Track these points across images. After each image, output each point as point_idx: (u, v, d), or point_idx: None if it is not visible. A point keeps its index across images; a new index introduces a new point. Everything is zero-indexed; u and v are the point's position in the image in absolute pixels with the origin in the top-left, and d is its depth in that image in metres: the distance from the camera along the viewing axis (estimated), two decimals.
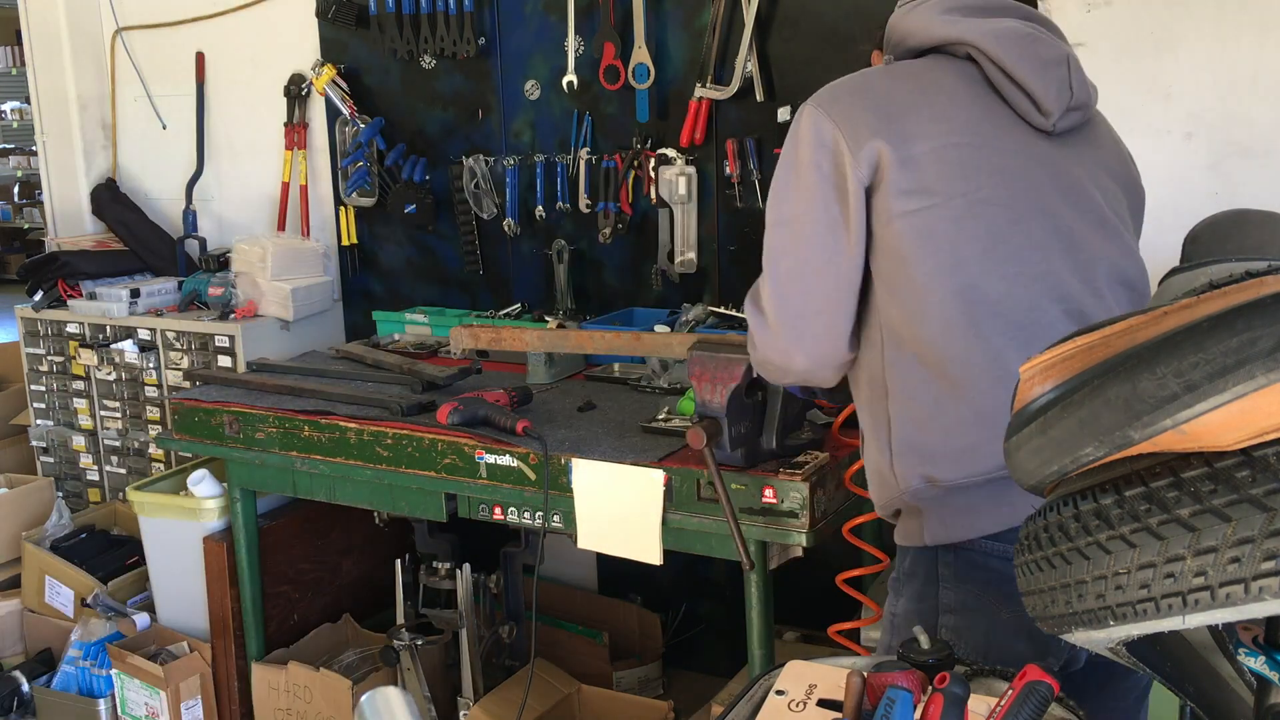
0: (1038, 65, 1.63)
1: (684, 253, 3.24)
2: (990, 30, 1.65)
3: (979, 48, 1.64)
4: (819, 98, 1.65)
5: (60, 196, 4.36)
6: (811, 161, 1.61)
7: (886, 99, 1.62)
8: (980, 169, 1.59)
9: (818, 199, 1.61)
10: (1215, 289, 0.85)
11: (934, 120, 1.60)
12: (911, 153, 1.57)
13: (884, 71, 1.71)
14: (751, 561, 2.15)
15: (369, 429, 2.61)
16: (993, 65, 1.64)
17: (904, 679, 1.18)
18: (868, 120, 1.58)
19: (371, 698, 1.14)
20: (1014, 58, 1.63)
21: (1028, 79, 1.62)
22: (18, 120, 11.13)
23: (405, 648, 2.97)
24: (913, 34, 1.72)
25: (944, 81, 1.65)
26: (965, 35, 1.66)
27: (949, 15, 1.69)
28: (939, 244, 1.56)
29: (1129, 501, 0.89)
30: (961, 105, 1.63)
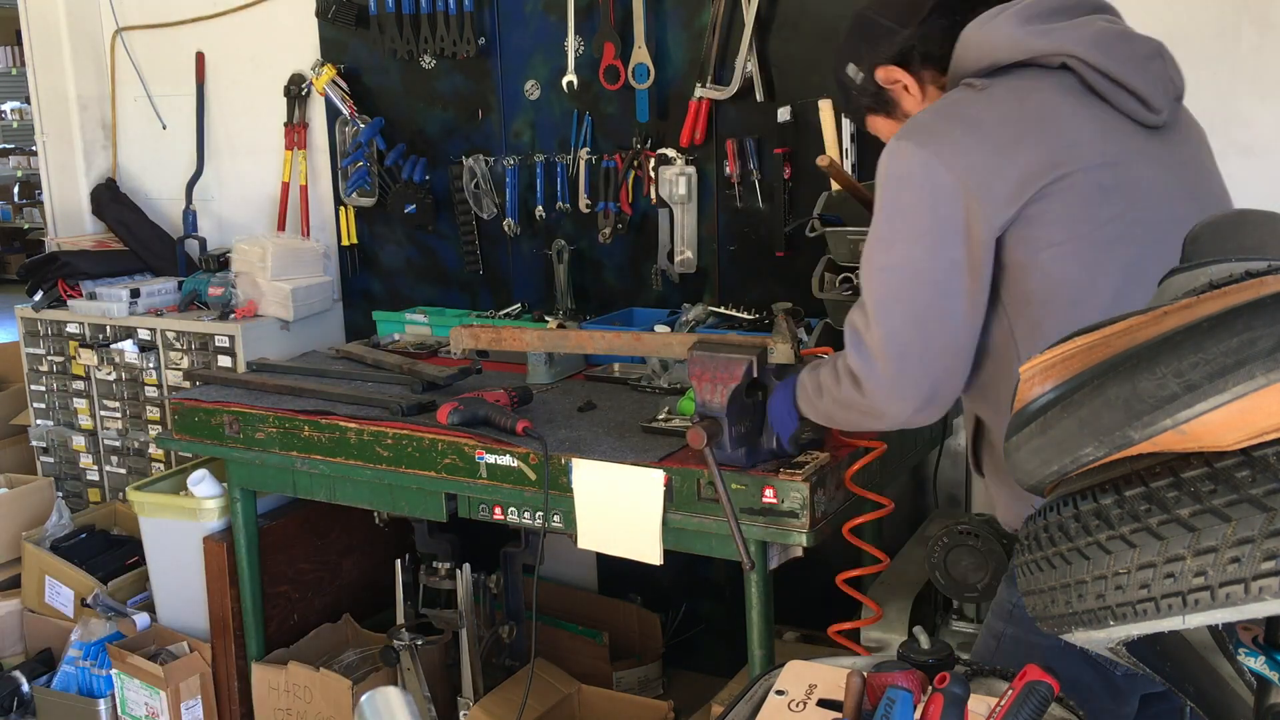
0: (1139, 62, 1.60)
1: (684, 253, 3.24)
2: (1086, 36, 1.60)
3: (1080, 57, 1.59)
4: (921, 136, 1.58)
5: (60, 196, 4.36)
6: (925, 207, 1.56)
7: (1005, 132, 1.56)
8: (1118, 189, 1.55)
9: (934, 244, 1.55)
10: (1215, 289, 0.85)
11: (1061, 147, 1.55)
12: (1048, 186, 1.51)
13: (985, 99, 1.62)
14: (751, 561, 2.15)
15: (369, 429, 2.61)
16: (1095, 72, 1.59)
17: (904, 679, 1.18)
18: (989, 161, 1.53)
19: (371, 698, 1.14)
20: (1117, 61, 1.59)
21: (1133, 79, 1.58)
22: (18, 120, 11.14)
23: (405, 648, 2.97)
24: (996, 49, 1.64)
25: (1051, 100, 1.59)
26: (1064, 46, 1.60)
27: (1035, 25, 1.63)
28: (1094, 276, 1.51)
29: (1129, 501, 0.89)
30: (1079, 123, 1.58)
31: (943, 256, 1.56)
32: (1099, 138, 1.58)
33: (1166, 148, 1.64)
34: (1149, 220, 1.56)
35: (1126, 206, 1.55)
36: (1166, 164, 1.62)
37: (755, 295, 3.12)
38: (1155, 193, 1.59)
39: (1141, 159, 1.60)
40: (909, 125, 1.63)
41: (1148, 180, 1.59)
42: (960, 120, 1.60)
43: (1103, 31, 1.62)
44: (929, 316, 1.59)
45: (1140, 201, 1.57)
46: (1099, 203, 1.54)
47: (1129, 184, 1.57)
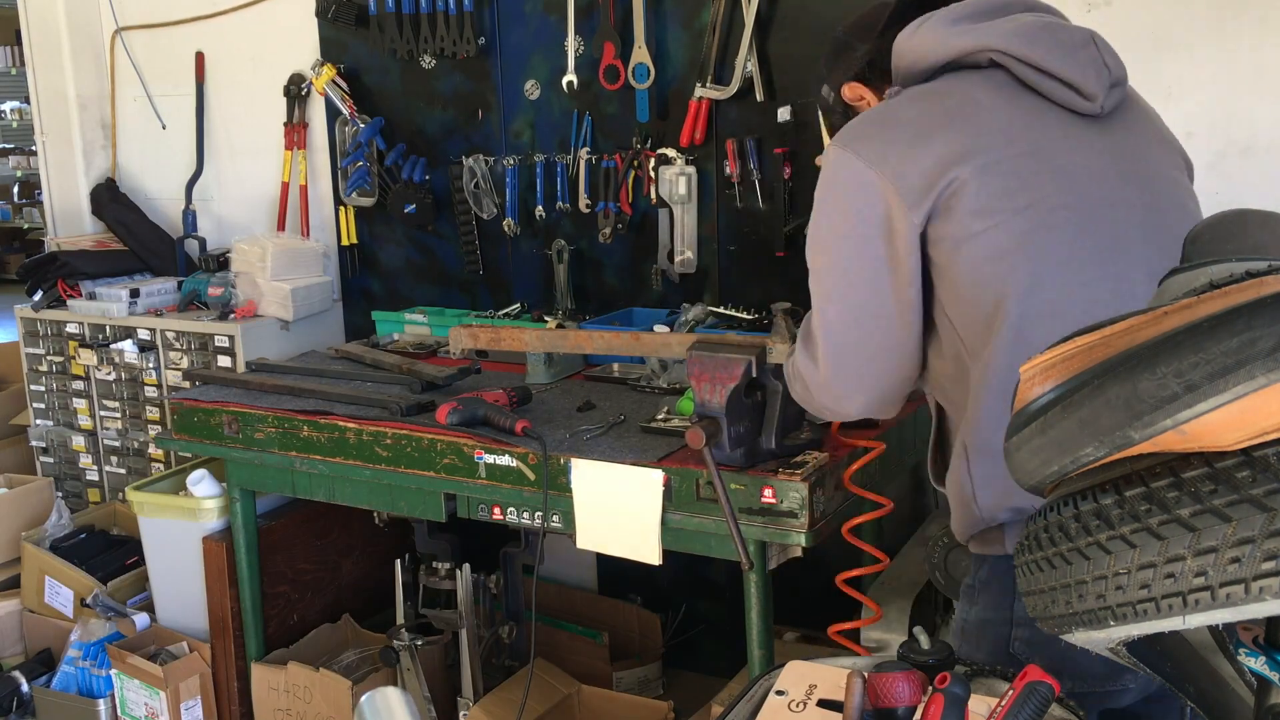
0: (1067, 50, 1.59)
1: (684, 252, 3.24)
2: (1008, 30, 1.61)
3: (1003, 50, 1.60)
4: (845, 138, 1.61)
5: (60, 196, 4.36)
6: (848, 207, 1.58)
7: (920, 127, 1.57)
8: (1038, 175, 1.55)
9: (858, 243, 1.57)
10: (1215, 289, 0.85)
11: (977, 135, 1.55)
12: (963, 175, 1.52)
13: (905, 99, 1.65)
14: (751, 561, 2.15)
15: (368, 429, 2.61)
16: (1021, 64, 1.59)
17: (904, 679, 1.18)
18: (905, 153, 1.54)
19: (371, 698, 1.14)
20: (1042, 50, 1.59)
21: (1062, 67, 1.58)
22: (17, 120, 11.14)
23: (405, 648, 2.97)
24: (926, 53, 1.66)
25: (974, 94, 1.60)
26: (984, 41, 1.61)
27: (961, 25, 1.64)
28: (1013, 264, 1.51)
29: (1129, 501, 0.89)
30: (1001, 114, 1.58)
31: (868, 254, 1.58)
32: (1023, 127, 1.58)
33: (1105, 135, 1.63)
34: (1076, 205, 1.55)
35: (1049, 192, 1.55)
36: (1101, 150, 1.61)
37: (755, 295, 3.12)
38: (1085, 178, 1.57)
39: (1073, 146, 1.59)
40: (839, 133, 1.65)
41: (1077, 166, 1.58)
42: (878, 120, 1.63)
43: (1027, 24, 1.62)
44: (862, 315, 1.61)
45: (1067, 187, 1.56)
46: (1016, 190, 1.53)
47: (1054, 170, 1.56)
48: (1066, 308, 1.50)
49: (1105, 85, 1.61)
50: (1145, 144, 1.69)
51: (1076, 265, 1.53)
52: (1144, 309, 0.90)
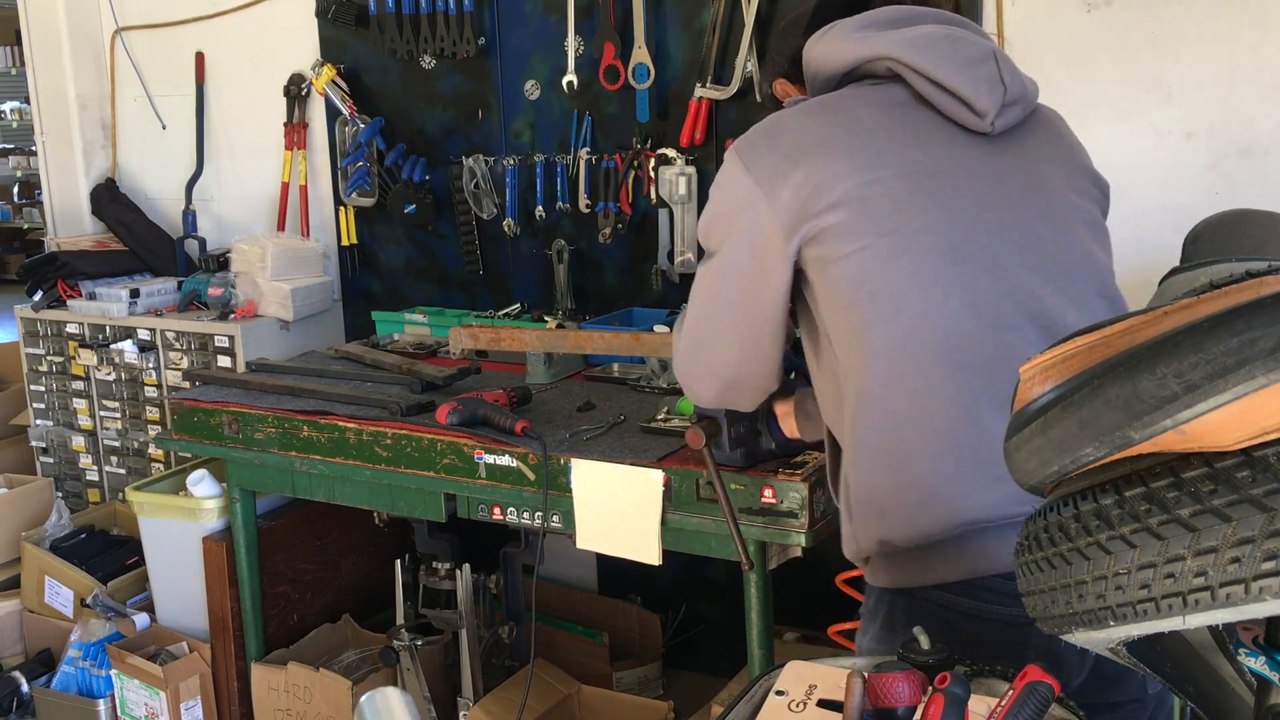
0: (962, 65, 1.55)
1: (684, 252, 3.24)
2: (906, 39, 1.58)
3: (898, 59, 1.57)
4: (741, 144, 1.62)
5: (60, 196, 4.36)
6: (728, 206, 1.61)
7: (801, 141, 1.56)
8: (910, 197, 1.52)
9: (731, 245, 1.60)
10: (1215, 289, 0.85)
11: (852, 155, 1.53)
12: (832, 197, 1.50)
13: (800, 110, 1.63)
14: (751, 562, 2.15)
15: (368, 429, 2.61)
16: (915, 74, 1.56)
17: (904, 679, 1.18)
18: (782, 169, 1.53)
19: (371, 698, 1.14)
20: (936, 61, 1.55)
21: (954, 80, 1.54)
22: (17, 120, 11.14)
23: (405, 648, 2.96)
24: (827, 60, 1.64)
25: (861, 112, 1.58)
26: (880, 49, 1.59)
27: (862, 33, 1.62)
28: (875, 288, 1.49)
29: (1129, 502, 0.89)
30: (882, 133, 1.56)
31: (734, 258, 1.60)
32: (903, 146, 1.55)
33: (995, 155, 1.59)
34: (945, 227, 1.51)
35: (918, 214, 1.51)
36: (984, 173, 1.57)
37: None
38: (960, 199, 1.54)
39: (955, 166, 1.55)
40: (742, 136, 1.65)
41: (955, 186, 1.54)
42: (767, 131, 1.62)
43: (927, 34, 1.58)
44: (720, 311, 1.64)
45: (938, 207, 1.52)
46: (886, 213, 1.51)
47: (928, 191, 1.53)
48: (926, 332, 1.48)
49: (998, 103, 1.56)
50: (1039, 165, 1.63)
51: (941, 289, 1.49)
52: (1144, 309, 0.90)
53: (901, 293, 1.49)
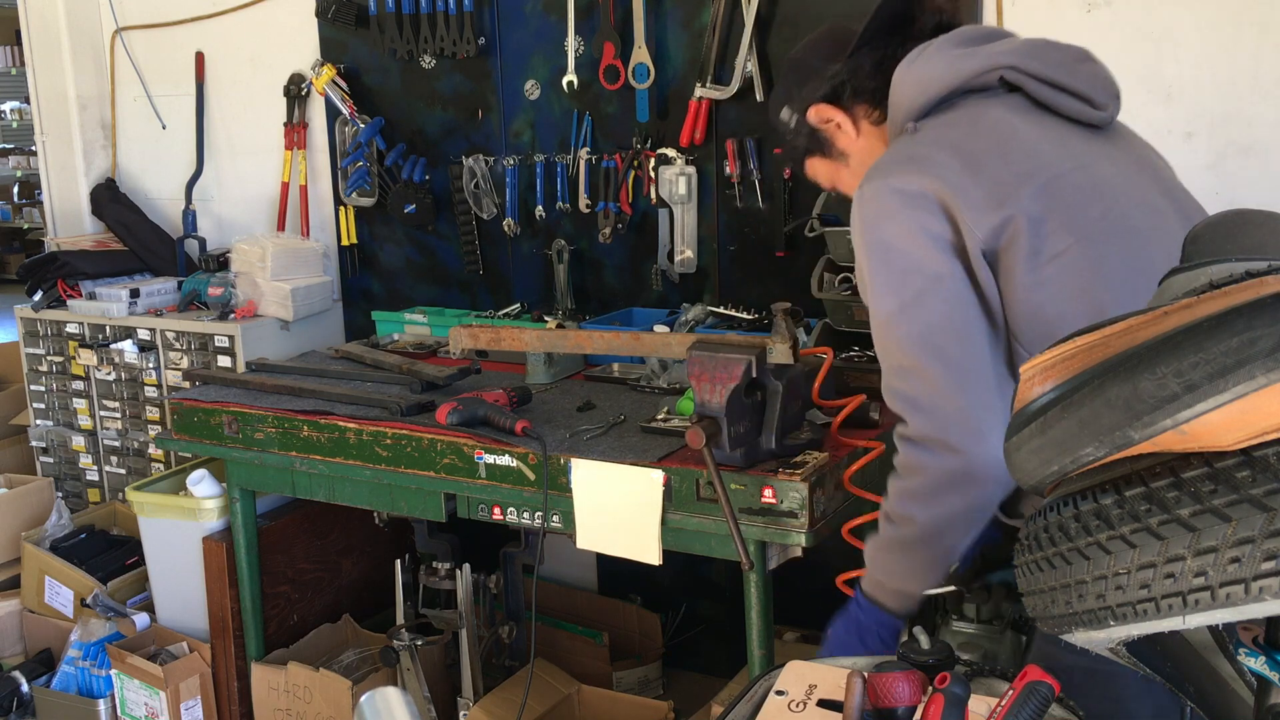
0: (1071, 65, 1.61)
1: (684, 252, 3.24)
2: (1014, 48, 1.61)
3: (1016, 66, 1.58)
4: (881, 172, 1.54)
5: (60, 196, 4.36)
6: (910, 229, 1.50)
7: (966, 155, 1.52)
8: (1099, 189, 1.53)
9: (937, 261, 1.49)
10: (1215, 289, 0.85)
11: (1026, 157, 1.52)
12: (1025, 199, 1.48)
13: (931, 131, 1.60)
14: (751, 561, 2.15)
15: (368, 429, 2.61)
16: (1033, 79, 1.59)
17: (904, 679, 1.18)
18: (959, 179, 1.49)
19: (371, 698, 1.14)
20: (1052, 66, 1.59)
21: (1071, 81, 1.59)
22: (18, 120, 11.14)
23: (405, 648, 2.96)
24: (934, 79, 1.62)
25: (1002, 117, 1.57)
26: (995, 60, 1.60)
27: (964, 49, 1.62)
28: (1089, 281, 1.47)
29: (1129, 501, 0.89)
30: (1034, 133, 1.56)
31: (952, 269, 1.50)
32: (1058, 144, 1.57)
33: (1118, 145, 1.65)
34: (1130, 213, 1.55)
35: (1110, 203, 1.54)
36: (1124, 160, 1.62)
37: (755, 295, 3.12)
38: (1125, 187, 1.58)
39: (1101, 158, 1.59)
40: (867, 173, 1.59)
41: (1113, 175, 1.58)
42: (913, 155, 1.56)
43: (1029, 42, 1.63)
44: (973, 331, 1.50)
45: (1116, 196, 1.56)
46: (1084, 204, 1.52)
47: (1101, 182, 1.56)
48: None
49: (1111, 95, 1.63)
50: (1147, 151, 1.71)
51: (1155, 269, 1.50)
52: (1144, 309, 0.90)
53: (1126, 278, 1.47)
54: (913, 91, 1.65)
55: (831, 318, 2.72)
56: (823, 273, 2.72)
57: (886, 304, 1.54)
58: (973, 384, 1.50)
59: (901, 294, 1.52)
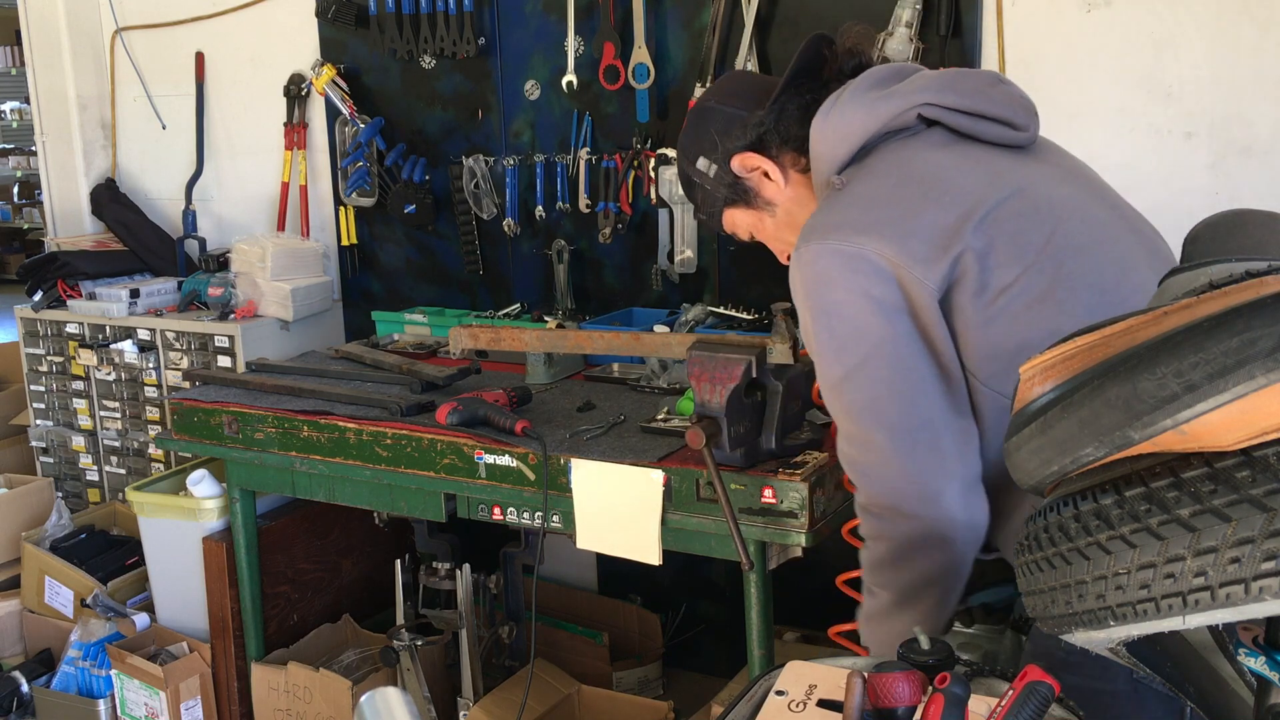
0: (985, 90, 1.60)
1: (684, 252, 3.24)
2: (925, 84, 1.59)
3: (934, 102, 1.57)
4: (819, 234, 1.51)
5: (60, 196, 4.36)
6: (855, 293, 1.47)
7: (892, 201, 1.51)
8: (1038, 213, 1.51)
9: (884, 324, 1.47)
10: (1215, 289, 0.85)
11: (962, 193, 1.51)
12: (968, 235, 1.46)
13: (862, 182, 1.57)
14: (751, 562, 2.15)
15: (368, 429, 2.61)
16: (952, 111, 1.58)
17: (904, 679, 1.18)
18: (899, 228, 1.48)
19: (371, 698, 1.14)
20: (966, 95, 1.58)
21: (987, 106, 1.57)
22: (18, 120, 11.14)
23: (405, 648, 2.96)
24: (853, 126, 1.60)
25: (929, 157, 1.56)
26: (911, 100, 1.58)
27: (878, 92, 1.61)
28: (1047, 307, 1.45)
29: (1129, 502, 0.89)
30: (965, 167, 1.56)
31: (899, 332, 1.48)
32: (988, 174, 1.55)
33: (1046, 162, 1.63)
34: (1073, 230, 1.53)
35: (1053, 225, 1.52)
36: (1055, 176, 1.60)
37: (755, 295, 3.12)
38: (1063, 205, 1.55)
39: (1034, 179, 1.57)
40: (803, 232, 1.55)
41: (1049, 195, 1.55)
42: (850, 209, 1.54)
43: (941, 74, 1.61)
44: (918, 397, 1.49)
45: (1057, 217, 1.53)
46: (1026, 230, 1.49)
47: (1039, 205, 1.53)
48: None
49: (1029, 114, 1.62)
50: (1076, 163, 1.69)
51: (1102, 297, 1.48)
52: (1144, 309, 0.90)
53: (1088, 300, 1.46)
54: (833, 141, 1.62)
55: None
56: None
57: (833, 370, 1.53)
58: (920, 449, 1.49)
59: (845, 361, 1.51)
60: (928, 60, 2.81)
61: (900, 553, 1.55)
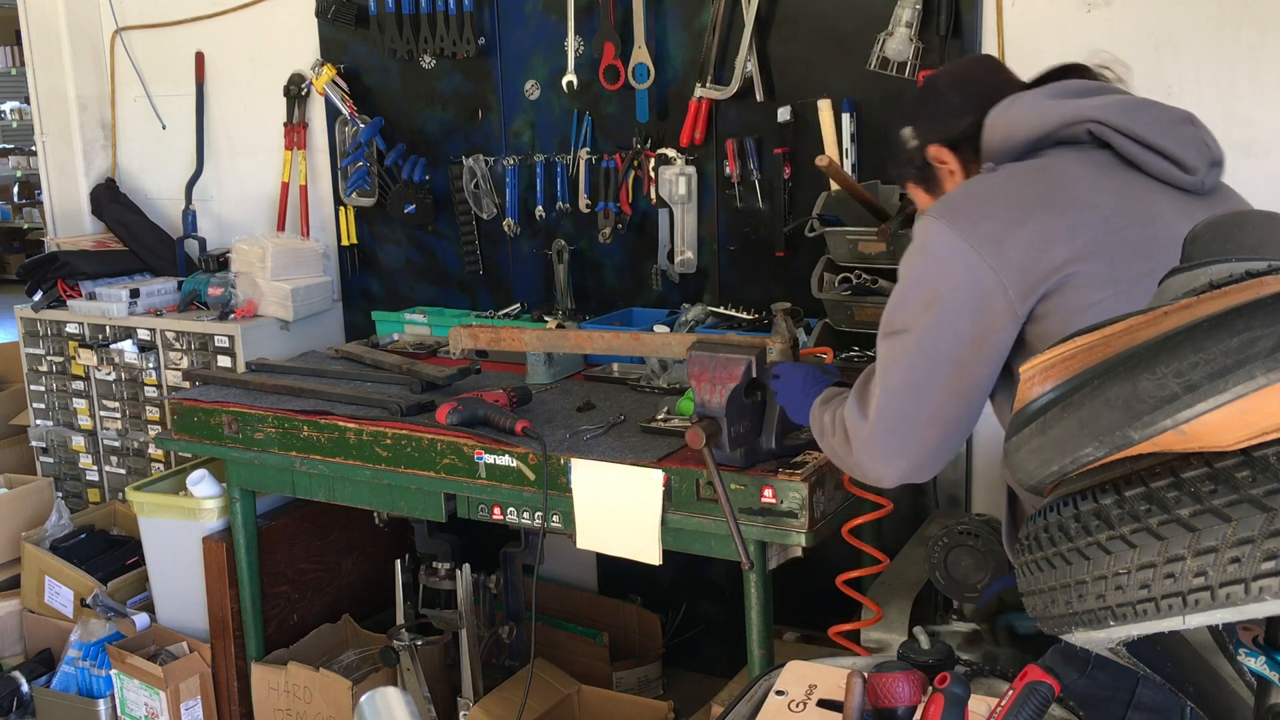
0: (1167, 125, 1.60)
1: (684, 253, 3.24)
2: (1106, 103, 1.62)
3: (1104, 121, 1.60)
4: (943, 210, 1.59)
5: (60, 196, 4.36)
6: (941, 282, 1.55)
7: (1020, 204, 1.55)
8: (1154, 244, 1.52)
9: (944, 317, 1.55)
10: (1215, 289, 0.85)
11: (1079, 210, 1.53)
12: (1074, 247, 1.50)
13: (1002, 176, 1.63)
14: (751, 561, 2.15)
15: (368, 429, 2.61)
16: (1122, 136, 1.60)
17: (904, 679, 1.18)
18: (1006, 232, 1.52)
19: (371, 698, 1.14)
20: (1143, 123, 1.59)
21: (1163, 140, 1.58)
22: (18, 120, 11.13)
23: (405, 648, 2.96)
24: (1022, 127, 1.65)
25: (1072, 169, 1.60)
26: (1082, 112, 1.61)
27: (1056, 100, 1.65)
28: None
29: (1129, 502, 0.89)
30: (1101, 187, 1.57)
31: (947, 328, 1.56)
32: (1126, 200, 1.57)
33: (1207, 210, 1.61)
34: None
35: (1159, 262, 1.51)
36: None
37: (755, 295, 3.12)
38: None
39: (1179, 217, 1.57)
40: (934, 204, 1.64)
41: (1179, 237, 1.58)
42: (976, 197, 1.60)
43: (1126, 99, 1.63)
44: (926, 384, 1.59)
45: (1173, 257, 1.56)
46: (1131, 259, 1.52)
47: (1158, 241, 1.54)
48: None
49: (1207, 161, 1.61)
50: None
51: None
52: (1144, 309, 0.90)
53: None
54: (1000, 137, 1.68)
55: (831, 318, 2.72)
56: (823, 273, 2.72)
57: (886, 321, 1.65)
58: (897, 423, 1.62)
59: (897, 322, 1.63)
60: (927, 60, 2.81)
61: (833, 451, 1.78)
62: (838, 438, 1.73)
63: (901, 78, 2.84)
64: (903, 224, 2.56)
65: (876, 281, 2.61)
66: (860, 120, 2.95)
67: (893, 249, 2.58)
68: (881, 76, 2.87)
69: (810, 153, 2.85)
